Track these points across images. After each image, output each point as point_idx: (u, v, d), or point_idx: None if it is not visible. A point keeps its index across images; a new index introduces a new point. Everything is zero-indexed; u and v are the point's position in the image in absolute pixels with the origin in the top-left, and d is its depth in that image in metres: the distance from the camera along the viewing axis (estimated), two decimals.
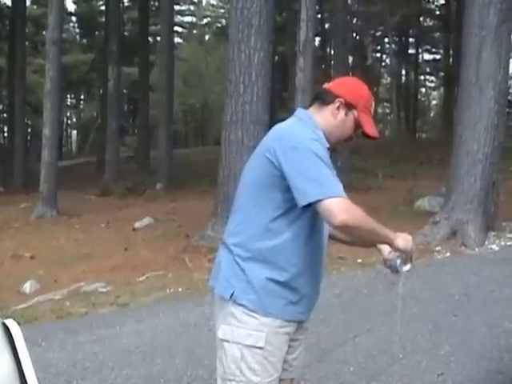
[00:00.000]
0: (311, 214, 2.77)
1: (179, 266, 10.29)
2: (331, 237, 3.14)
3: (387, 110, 65.23)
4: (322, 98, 3.01)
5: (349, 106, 2.94)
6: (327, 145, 2.87)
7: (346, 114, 2.95)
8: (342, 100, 2.94)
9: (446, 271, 8.64)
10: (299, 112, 3.04)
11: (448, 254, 9.81)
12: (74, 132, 74.85)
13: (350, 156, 21.83)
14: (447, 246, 10.17)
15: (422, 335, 5.98)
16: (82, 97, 67.00)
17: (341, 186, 2.68)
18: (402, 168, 23.67)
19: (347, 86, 3.05)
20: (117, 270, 10.58)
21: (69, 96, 64.46)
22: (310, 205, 2.62)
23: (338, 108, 2.94)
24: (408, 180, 19.66)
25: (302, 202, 2.62)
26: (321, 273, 3.01)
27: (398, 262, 2.92)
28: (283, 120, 3.00)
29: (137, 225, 15.44)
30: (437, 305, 7.00)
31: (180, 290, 8.73)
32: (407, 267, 2.94)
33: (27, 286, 10.01)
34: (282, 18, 36.34)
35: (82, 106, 69.85)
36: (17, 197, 23.80)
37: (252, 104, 10.89)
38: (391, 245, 2.85)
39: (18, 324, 1.85)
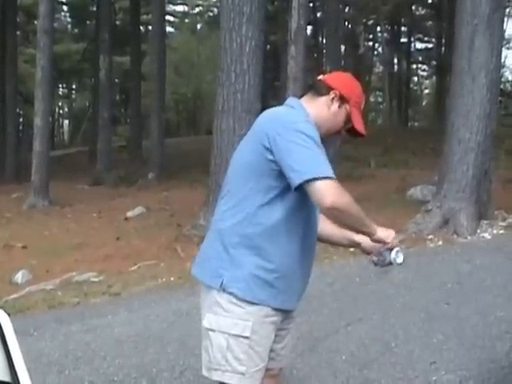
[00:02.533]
0: (302, 199, 2.76)
1: (171, 256, 10.28)
2: (320, 239, 3.14)
3: (379, 99, 65.35)
4: (316, 89, 3.03)
5: (342, 100, 2.96)
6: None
7: (339, 107, 2.97)
8: (337, 92, 2.95)
9: (439, 260, 8.65)
10: (291, 100, 3.04)
11: (440, 243, 9.80)
12: (66, 122, 74.69)
13: (342, 145, 21.81)
14: (439, 234, 10.16)
15: (414, 324, 5.99)
16: (74, 86, 66.69)
17: (331, 170, 2.66)
18: (394, 157, 23.67)
19: (342, 79, 3.07)
20: (109, 260, 10.56)
21: (60, 86, 64.21)
22: (301, 186, 2.60)
23: (332, 100, 2.96)
24: (400, 169, 19.64)
25: (296, 180, 2.59)
26: (310, 261, 3.00)
27: (394, 253, 2.90)
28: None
29: (129, 214, 15.43)
30: (429, 293, 7.01)
31: (172, 279, 8.71)
32: (401, 258, 2.92)
33: (19, 276, 9.97)
34: (274, 6, 36.20)
35: (73, 96, 69.63)
36: (9, 187, 23.78)
37: (244, 92, 10.85)
38: (372, 235, 2.85)
39: (9, 314, 1.84)
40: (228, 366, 2.79)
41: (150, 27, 37.67)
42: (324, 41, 33.67)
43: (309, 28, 47.81)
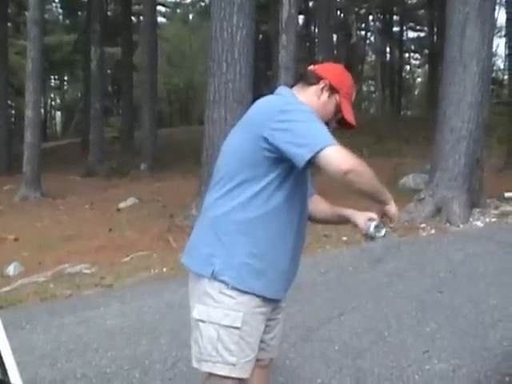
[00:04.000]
0: (294, 187, 2.78)
1: (164, 247, 10.28)
2: (310, 218, 3.15)
3: (372, 88, 65.37)
4: (306, 79, 3.03)
5: (332, 90, 2.97)
6: None
7: (328, 97, 2.97)
8: (327, 82, 2.95)
9: (431, 248, 8.66)
10: (281, 89, 3.05)
11: (433, 231, 9.81)
12: (59, 113, 74.48)
13: (334, 133, 21.80)
14: (432, 223, 10.17)
15: (407, 312, 5.99)
16: (66, 78, 66.49)
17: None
18: (386, 145, 23.67)
19: (333, 70, 3.07)
20: (101, 251, 10.55)
21: (52, 77, 64.02)
22: (311, 161, 2.56)
23: (322, 89, 2.96)
24: (393, 157, 19.64)
25: (307, 154, 2.54)
26: (300, 251, 3.00)
27: (372, 227, 2.90)
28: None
29: (121, 205, 15.42)
30: (422, 282, 7.02)
31: (164, 270, 8.71)
32: (382, 232, 2.93)
33: (11, 269, 9.97)
34: None
35: (66, 87, 69.46)
36: (0, 179, 23.68)
37: (235, 82, 10.82)
38: (385, 203, 2.85)
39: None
40: (219, 356, 2.78)
41: (141, 18, 37.58)
42: (316, 30, 33.58)
43: (301, 17, 47.84)
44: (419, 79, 71.76)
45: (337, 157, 2.53)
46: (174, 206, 13.40)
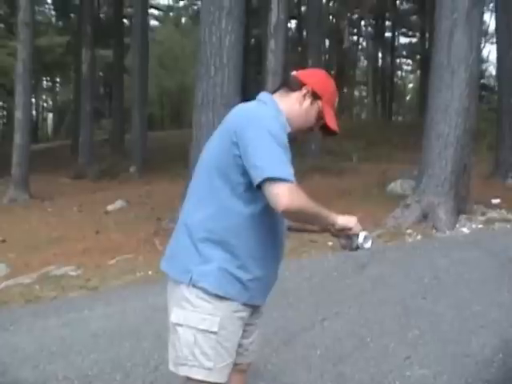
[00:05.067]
0: None
1: (149, 250, 10.26)
2: (292, 229, 3.17)
3: (363, 93, 65.46)
4: (289, 85, 3.03)
5: (314, 96, 2.97)
6: (288, 129, 2.88)
7: (311, 103, 2.98)
8: (309, 88, 2.96)
9: (417, 254, 8.65)
10: (262, 95, 3.03)
11: (419, 237, 9.81)
12: (50, 115, 74.40)
13: (324, 139, 21.83)
14: (418, 229, 10.16)
15: (390, 318, 5.99)
16: (58, 79, 66.40)
17: (291, 171, 2.66)
18: (376, 151, 23.75)
19: (316, 76, 3.07)
20: (87, 254, 10.53)
21: (44, 79, 63.93)
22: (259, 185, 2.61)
23: (304, 96, 2.97)
24: (382, 163, 19.70)
25: (257, 178, 2.60)
26: (279, 257, 3.00)
27: (361, 238, 2.90)
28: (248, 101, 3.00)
29: (109, 208, 15.42)
30: (406, 288, 7.00)
31: (150, 273, 8.70)
32: (369, 244, 2.93)
33: None
34: (258, 0, 36.19)
35: (57, 89, 69.36)
36: None
37: (223, 86, 10.84)
38: (333, 225, 2.86)
39: None
40: (195, 361, 2.78)
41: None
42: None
43: (293, 22, 47.96)
44: (411, 85, 72.03)
45: (278, 195, 2.58)
46: (161, 209, 13.39)
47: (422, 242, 9.59)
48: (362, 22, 54.58)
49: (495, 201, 11.77)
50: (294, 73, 3.11)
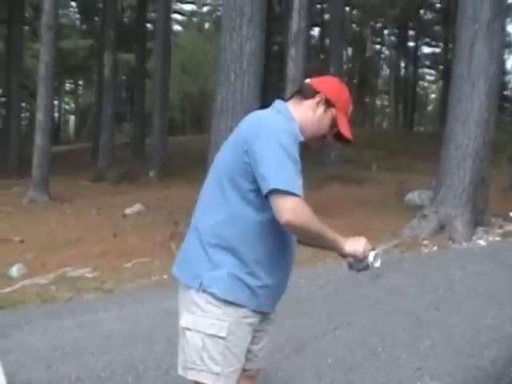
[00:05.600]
0: None
1: (166, 254, 10.27)
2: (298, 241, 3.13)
3: (385, 103, 65.33)
4: (302, 92, 3.03)
5: (328, 104, 2.96)
6: (301, 138, 2.88)
7: (324, 111, 2.97)
8: (322, 96, 2.95)
9: (432, 265, 8.61)
10: (277, 103, 3.03)
11: (435, 248, 9.77)
12: (72, 117, 74.82)
13: (344, 148, 21.83)
14: (435, 240, 10.12)
15: (402, 329, 5.97)
16: (81, 82, 66.79)
17: (299, 183, 2.68)
18: (396, 161, 23.70)
19: (329, 84, 3.06)
20: (104, 256, 10.58)
21: (67, 81, 64.34)
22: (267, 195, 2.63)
23: (318, 103, 2.96)
24: (402, 173, 19.64)
25: (264, 189, 2.63)
26: (289, 265, 2.99)
27: (372, 257, 2.89)
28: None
29: (127, 211, 15.47)
30: (420, 298, 6.99)
31: (165, 277, 8.70)
32: (379, 262, 2.93)
33: (14, 270, 10.02)
34: (281, 7, 36.25)
35: (80, 92, 69.73)
36: (10, 181, 23.86)
37: (243, 93, 10.85)
38: (341, 251, 2.85)
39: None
40: (203, 365, 2.79)
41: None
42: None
43: (316, 30, 48.02)
44: (433, 95, 71.75)
45: (282, 207, 2.60)
46: (179, 213, 13.39)
47: (438, 253, 9.56)
48: (386, 31, 54.51)
49: None
50: (307, 80, 3.11)
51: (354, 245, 2.85)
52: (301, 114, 2.94)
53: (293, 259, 3.02)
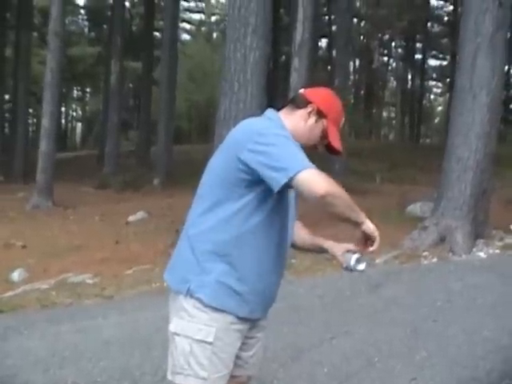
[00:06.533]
0: (274, 208, 2.80)
1: (166, 261, 10.16)
2: (294, 246, 3.18)
3: (392, 114, 65.40)
4: (295, 102, 3.04)
5: (320, 114, 2.97)
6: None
7: (315, 121, 2.98)
8: (314, 106, 2.97)
9: (431, 277, 8.62)
10: (268, 112, 3.04)
11: (435, 260, 9.77)
12: (79, 124, 75.05)
13: (349, 159, 21.87)
14: (435, 251, 10.12)
15: (399, 339, 5.98)
16: (89, 89, 67.03)
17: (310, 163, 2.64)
18: (401, 173, 23.69)
19: (322, 95, 3.08)
20: (105, 263, 10.61)
21: (75, 88, 64.58)
22: (286, 185, 2.59)
23: (309, 113, 2.97)
24: (406, 185, 19.66)
25: (282, 180, 2.57)
26: (280, 271, 3.00)
27: (353, 261, 2.93)
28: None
29: (130, 219, 15.51)
30: (418, 310, 6.99)
31: (165, 284, 8.73)
32: (362, 266, 2.95)
33: (16, 275, 10.08)
34: (289, 18, 36.35)
35: (87, 99, 69.95)
36: (15, 186, 23.92)
37: (246, 103, 10.88)
38: (360, 224, 2.78)
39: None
40: (190, 370, 2.81)
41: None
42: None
43: (324, 41, 48.11)
44: (440, 107, 71.76)
45: (312, 181, 2.55)
46: (182, 221, 13.41)
47: (437, 264, 9.56)
48: (393, 43, 54.64)
49: None
50: (301, 90, 3.13)
51: (373, 225, 2.82)
52: (292, 123, 2.95)
53: (284, 264, 3.03)
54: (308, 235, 3.24)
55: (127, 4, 41.66)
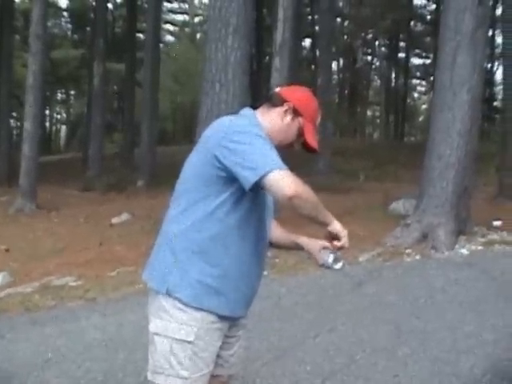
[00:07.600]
0: (251, 205, 2.81)
1: None
2: (271, 244, 3.19)
3: (376, 113, 65.53)
4: (271, 100, 3.05)
5: (296, 113, 2.99)
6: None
7: (291, 120, 2.99)
8: (290, 105, 2.98)
9: (414, 274, 8.65)
10: (244, 110, 3.06)
11: (417, 257, 9.77)
12: (64, 127, 74.78)
13: (333, 158, 21.93)
14: (417, 248, 10.11)
15: (382, 336, 6.02)
16: (73, 92, 66.81)
17: (282, 163, 2.66)
18: (384, 170, 23.75)
19: (298, 93, 3.09)
20: (89, 265, 10.56)
21: (59, 91, 64.38)
22: (257, 184, 2.61)
23: (286, 112, 2.98)
24: (389, 182, 19.71)
25: (251, 178, 2.59)
26: (259, 270, 3.02)
27: (331, 259, 2.95)
28: None
29: (114, 220, 15.46)
30: (401, 307, 7.03)
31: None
32: (339, 265, 2.97)
33: None
34: (271, 18, 36.39)
35: (71, 102, 69.73)
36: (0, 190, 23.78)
37: (228, 103, 10.89)
38: (329, 225, 2.83)
39: None
40: (171, 369, 2.81)
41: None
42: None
43: (308, 41, 48.19)
44: (424, 106, 71.99)
45: (282, 181, 2.57)
46: None
47: (420, 261, 9.57)
48: (376, 43, 54.75)
49: (496, 223, 11.71)
50: (277, 89, 3.16)
51: (341, 226, 2.87)
52: (268, 121, 2.96)
53: (263, 262, 3.04)
54: (283, 233, 3.26)
55: (110, 6, 41.72)
